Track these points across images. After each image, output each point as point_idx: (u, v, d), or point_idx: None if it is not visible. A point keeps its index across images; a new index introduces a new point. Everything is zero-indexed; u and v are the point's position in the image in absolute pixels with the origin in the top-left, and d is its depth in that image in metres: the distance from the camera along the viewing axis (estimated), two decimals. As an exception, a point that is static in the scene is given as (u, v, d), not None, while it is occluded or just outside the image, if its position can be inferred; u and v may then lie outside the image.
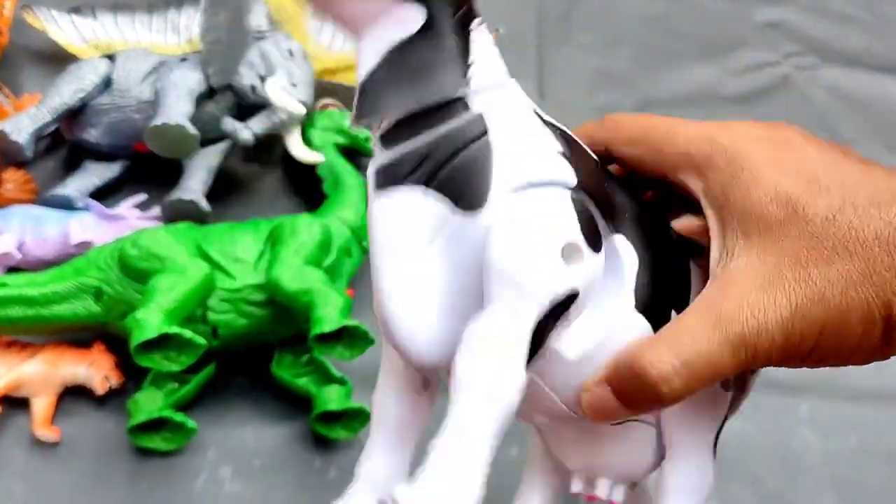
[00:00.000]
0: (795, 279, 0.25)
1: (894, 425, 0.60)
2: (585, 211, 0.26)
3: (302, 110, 0.63)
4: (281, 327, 0.56)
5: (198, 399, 0.57)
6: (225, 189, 0.70)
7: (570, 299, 0.25)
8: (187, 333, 0.48)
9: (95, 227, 0.61)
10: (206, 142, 0.66)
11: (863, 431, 0.59)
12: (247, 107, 0.66)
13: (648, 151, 0.30)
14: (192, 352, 0.49)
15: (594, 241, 0.26)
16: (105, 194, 0.68)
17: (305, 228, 0.55)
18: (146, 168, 0.69)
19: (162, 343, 0.48)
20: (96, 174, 0.67)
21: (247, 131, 0.63)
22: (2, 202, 0.64)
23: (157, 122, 0.58)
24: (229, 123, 0.63)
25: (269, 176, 0.73)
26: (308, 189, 0.70)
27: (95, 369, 0.55)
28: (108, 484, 0.53)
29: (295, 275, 0.52)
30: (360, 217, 0.62)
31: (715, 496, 0.55)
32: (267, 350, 0.58)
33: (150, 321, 0.47)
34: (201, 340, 0.48)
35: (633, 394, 0.26)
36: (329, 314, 0.50)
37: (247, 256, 0.55)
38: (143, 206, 0.65)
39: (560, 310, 0.25)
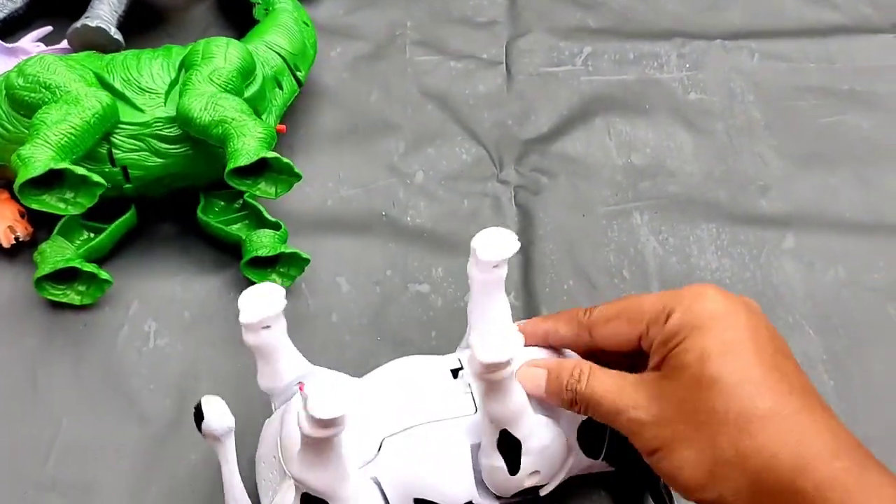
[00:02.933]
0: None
1: (882, 256, 0.55)
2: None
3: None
4: (205, 168, 0.49)
5: (117, 250, 0.51)
6: (146, 19, 0.62)
7: None
8: (79, 170, 0.42)
9: (-8, 62, 0.54)
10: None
11: (849, 263, 0.54)
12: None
13: (622, 324, 0.35)
14: (89, 192, 0.43)
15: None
16: (9, 30, 0.60)
17: (220, 52, 0.48)
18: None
19: (54, 182, 0.42)
20: (-5, 6, 0.59)
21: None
22: None
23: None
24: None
25: (198, 5, 0.65)
26: (241, 19, 0.62)
27: (-2, 219, 0.49)
28: (21, 340, 0.48)
29: (208, 103, 0.45)
30: (295, 44, 0.55)
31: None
32: (195, 195, 0.52)
33: (37, 157, 0.41)
34: (98, 178, 0.42)
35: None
36: (247, 145, 0.43)
37: (156, 86, 0.48)
38: (48, 40, 0.57)
39: None
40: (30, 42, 0.56)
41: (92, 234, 0.50)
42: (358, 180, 0.57)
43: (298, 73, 0.55)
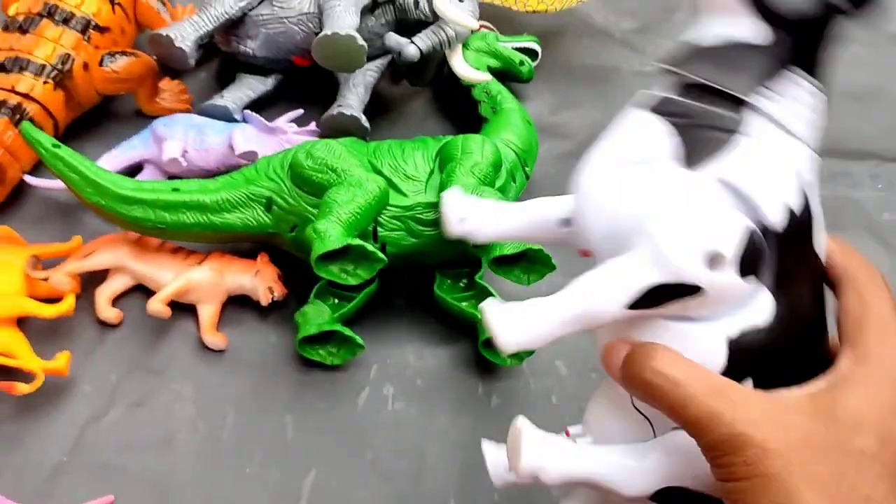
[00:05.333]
0: None
1: None
2: (756, 247, 0.29)
3: (475, 25, 0.61)
4: (446, 249, 0.54)
5: (359, 317, 0.56)
6: (373, 109, 0.69)
7: (693, 290, 0.29)
8: (369, 247, 0.47)
9: (257, 138, 0.61)
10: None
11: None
12: (404, 24, 0.64)
13: None
14: (369, 266, 0.48)
15: (747, 271, 0.29)
16: (256, 108, 0.67)
17: (478, 148, 0.54)
18: (298, 83, 0.68)
19: (340, 256, 0.48)
20: (251, 87, 0.67)
21: (412, 47, 0.61)
22: (159, 111, 0.65)
23: (327, 31, 0.56)
24: (393, 39, 0.61)
25: (418, 97, 0.71)
26: (456, 112, 0.68)
27: (261, 280, 0.55)
28: (275, 391, 0.53)
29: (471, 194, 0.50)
30: (524, 141, 0.60)
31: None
32: (426, 271, 0.57)
33: (332, 232, 0.47)
34: (381, 255, 0.47)
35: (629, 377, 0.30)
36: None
37: (418, 174, 0.54)
38: (298, 122, 0.64)
39: (682, 291, 0.29)
40: (285, 122, 0.63)
41: (337, 301, 0.55)
42: (573, 272, 0.60)
43: (526, 169, 0.60)
